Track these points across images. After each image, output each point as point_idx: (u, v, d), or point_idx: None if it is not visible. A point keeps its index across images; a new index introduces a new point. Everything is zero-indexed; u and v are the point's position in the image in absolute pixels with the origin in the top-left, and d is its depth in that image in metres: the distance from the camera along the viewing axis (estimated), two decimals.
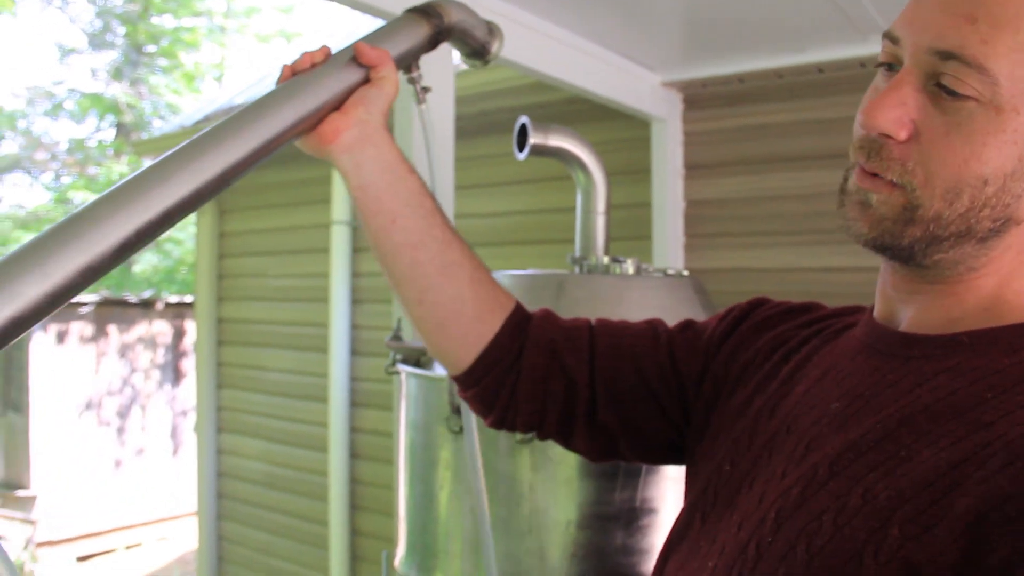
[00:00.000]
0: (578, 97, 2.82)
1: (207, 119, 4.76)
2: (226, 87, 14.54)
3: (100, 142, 15.48)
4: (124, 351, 9.93)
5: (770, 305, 1.01)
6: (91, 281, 0.72)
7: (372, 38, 1.01)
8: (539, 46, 2.35)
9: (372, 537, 4.30)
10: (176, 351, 10.46)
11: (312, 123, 0.93)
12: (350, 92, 0.96)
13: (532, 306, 1.07)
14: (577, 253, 1.56)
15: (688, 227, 3.15)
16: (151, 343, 10.19)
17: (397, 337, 1.51)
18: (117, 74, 14.16)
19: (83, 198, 13.88)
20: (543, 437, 1.06)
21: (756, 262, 3.00)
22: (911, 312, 0.78)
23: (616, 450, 1.04)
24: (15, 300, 0.66)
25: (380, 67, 0.96)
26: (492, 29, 1.15)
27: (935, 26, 0.69)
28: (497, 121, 3.39)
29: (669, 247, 3.08)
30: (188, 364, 10.53)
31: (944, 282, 0.75)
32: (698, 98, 3.12)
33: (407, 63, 1.05)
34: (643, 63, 2.93)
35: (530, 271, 1.45)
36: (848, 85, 2.77)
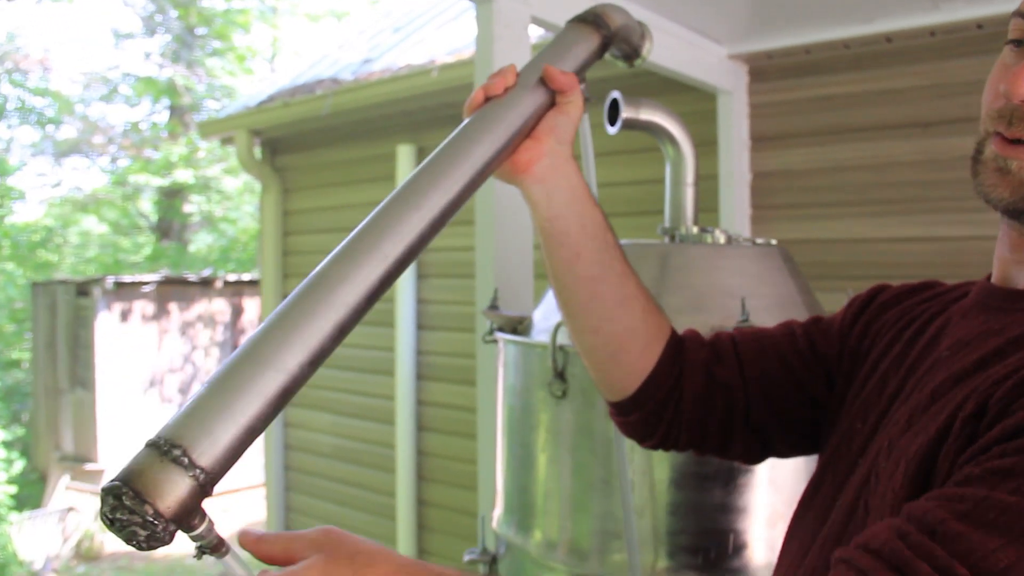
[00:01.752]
0: (643, 70, 2.84)
1: (271, 99, 4.85)
2: (282, 68, 14.71)
3: (154, 124, 15.78)
4: (185, 329, 10.18)
5: (892, 288, 1.06)
6: (343, 338, 0.74)
7: (551, 56, 0.99)
8: None
9: (438, 507, 4.41)
10: (235, 329, 10.68)
11: (511, 151, 0.93)
12: (540, 117, 0.95)
13: None
14: (667, 224, 1.61)
15: (754, 199, 3.16)
16: (210, 321, 10.43)
17: (494, 307, 1.57)
18: (175, 57, 14.39)
19: (145, 180, 14.16)
20: (702, 452, 1.09)
21: (823, 233, 3.01)
22: None
23: (771, 448, 1.08)
24: (283, 373, 0.68)
25: (568, 92, 0.95)
26: (644, 31, 1.11)
27: None
28: None
29: (736, 219, 3.10)
30: None
31: None
32: (763, 70, 3.13)
33: (580, 77, 1.03)
34: (710, 36, 2.94)
35: (624, 241, 1.50)
36: (918, 54, 2.76)
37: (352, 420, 4.87)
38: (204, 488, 0.62)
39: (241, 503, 9.90)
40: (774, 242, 1.55)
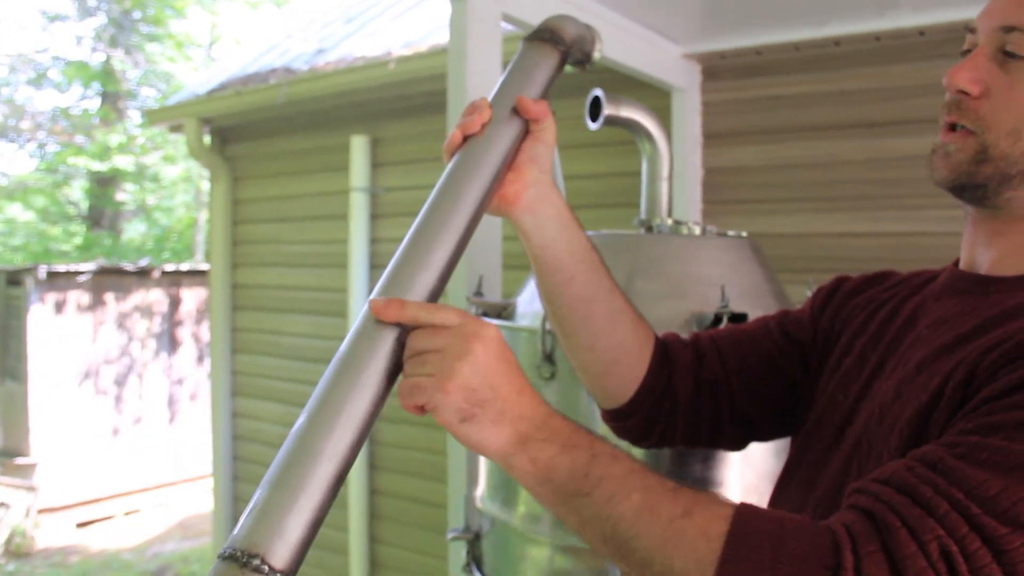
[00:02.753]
0: (600, 66, 2.90)
1: (223, 87, 4.82)
2: (222, 55, 14.45)
3: (85, 111, 15.38)
4: (121, 320, 9.98)
5: (854, 278, 1.17)
6: (383, 405, 0.78)
7: (518, 83, 0.99)
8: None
9: (389, 496, 4.45)
10: (172, 320, 10.51)
11: (499, 187, 0.96)
12: (518, 148, 0.97)
13: (610, 264, 1.18)
14: (643, 216, 1.69)
15: (706, 193, 3.27)
16: (147, 312, 10.24)
17: (479, 293, 1.63)
18: (112, 41, 14.03)
19: (84, 164, 13.79)
20: (693, 446, 1.17)
21: (772, 227, 3.13)
22: (992, 256, 0.94)
23: (754, 434, 1.17)
24: (335, 459, 0.72)
25: (543, 120, 0.97)
26: (594, 36, 1.11)
27: (1003, 11, 0.90)
28: None
29: (688, 213, 3.20)
30: (184, 333, 10.60)
31: (1019, 221, 0.92)
32: (716, 69, 3.24)
33: (546, 98, 1.04)
34: (665, 35, 3.03)
35: (604, 232, 1.58)
36: (864, 58, 2.89)
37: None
38: None
39: (175, 497, 9.76)
40: (744, 234, 1.65)
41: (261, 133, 5.02)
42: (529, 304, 1.57)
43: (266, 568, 0.66)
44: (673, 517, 0.73)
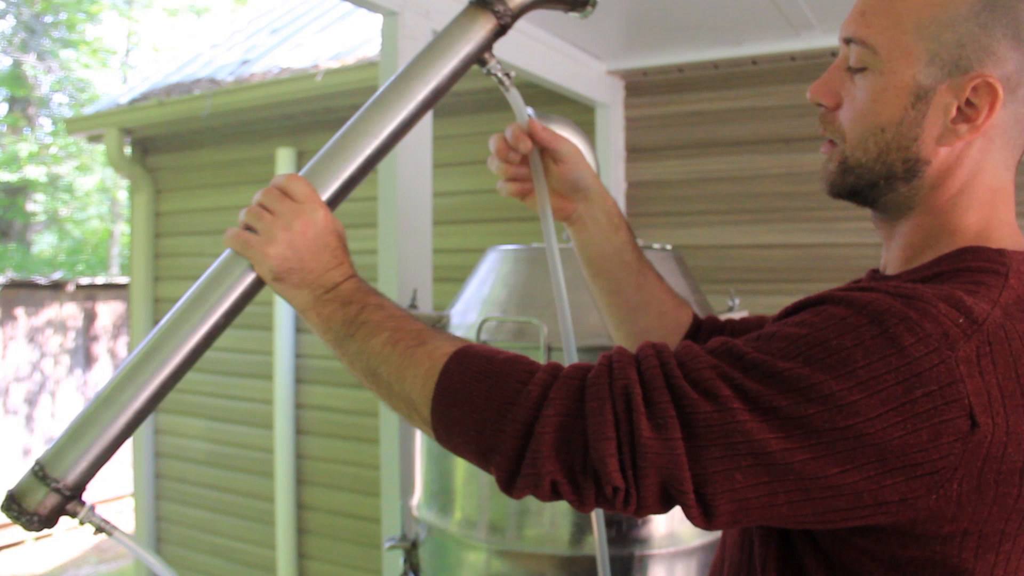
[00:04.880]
0: (524, 82, 2.97)
1: (145, 97, 4.73)
2: (140, 63, 14.09)
3: None
4: (32, 335, 9.65)
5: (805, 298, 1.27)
6: (179, 379, 1.02)
7: (438, 47, 1.05)
8: None
9: (318, 511, 4.42)
10: (87, 335, 10.20)
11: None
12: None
13: (536, 278, 1.23)
14: None
15: (628, 207, 3.36)
16: (61, 327, 9.92)
17: (413, 306, 1.66)
18: (24, 46, 13.55)
19: None
20: None
21: (692, 239, 3.23)
22: (886, 258, 0.99)
23: None
24: (127, 411, 0.95)
25: (551, 145, 1.20)
26: None
27: (846, 24, 0.93)
28: (462, 103, 3.54)
29: None
30: (100, 348, 10.30)
31: (899, 220, 0.95)
32: (639, 86, 3.33)
33: (477, 60, 1.04)
34: (590, 52, 3.12)
35: (535, 245, 1.62)
36: (780, 76, 3.02)
37: (227, 425, 4.79)
38: (67, 498, 0.92)
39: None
40: (669, 247, 1.72)
41: (184, 144, 4.94)
42: (462, 316, 1.60)
43: (59, 484, 0.91)
44: (410, 345, 0.90)
